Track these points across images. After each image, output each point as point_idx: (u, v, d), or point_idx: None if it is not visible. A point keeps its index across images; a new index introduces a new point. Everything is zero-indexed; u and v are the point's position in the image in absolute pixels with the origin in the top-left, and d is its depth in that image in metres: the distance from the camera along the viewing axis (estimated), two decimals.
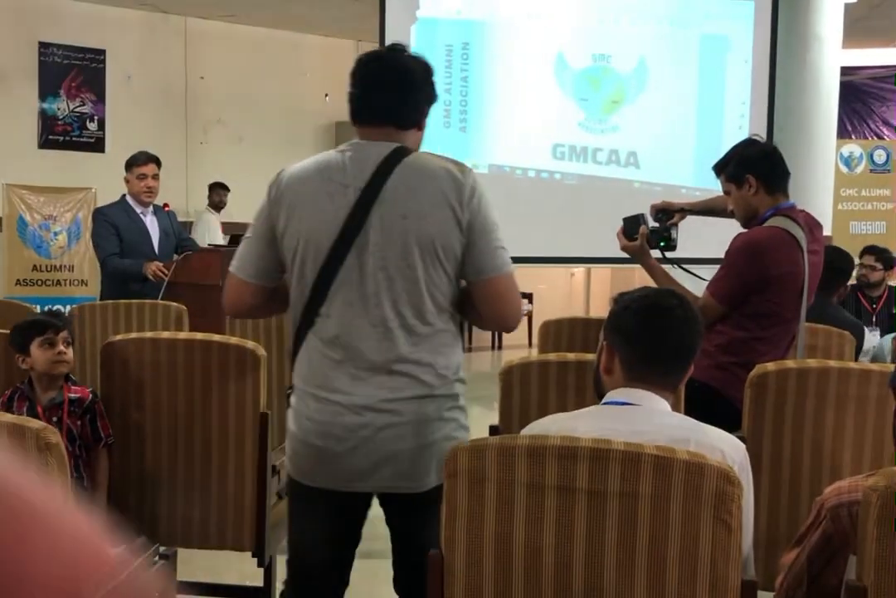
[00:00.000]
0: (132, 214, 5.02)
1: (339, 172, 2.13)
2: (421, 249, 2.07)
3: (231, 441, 2.87)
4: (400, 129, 2.17)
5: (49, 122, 8.31)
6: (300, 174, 2.17)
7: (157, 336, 2.96)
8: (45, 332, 2.97)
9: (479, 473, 1.65)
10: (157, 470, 2.92)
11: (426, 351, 2.11)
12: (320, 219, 2.10)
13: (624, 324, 1.91)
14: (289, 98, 9.51)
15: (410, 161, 2.11)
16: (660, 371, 1.89)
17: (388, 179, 2.09)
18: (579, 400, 2.65)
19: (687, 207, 3.52)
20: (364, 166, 2.11)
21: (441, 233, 2.08)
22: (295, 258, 2.14)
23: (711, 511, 1.56)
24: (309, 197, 2.13)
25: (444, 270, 2.10)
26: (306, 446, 2.15)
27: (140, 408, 2.91)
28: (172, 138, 8.76)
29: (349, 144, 2.20)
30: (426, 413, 2.11)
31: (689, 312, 1.91)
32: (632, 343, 1.89)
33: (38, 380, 2.99)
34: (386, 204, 2.08)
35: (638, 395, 1.86)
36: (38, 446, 1.94)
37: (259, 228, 2.20)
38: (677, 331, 1.88)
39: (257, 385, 2.84)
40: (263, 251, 2.19)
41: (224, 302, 2.30)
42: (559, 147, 6.53)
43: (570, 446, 1.61)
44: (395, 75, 2.15)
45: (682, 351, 1.90)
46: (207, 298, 4.76)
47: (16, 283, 7.64)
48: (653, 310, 1.89)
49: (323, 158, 2.21)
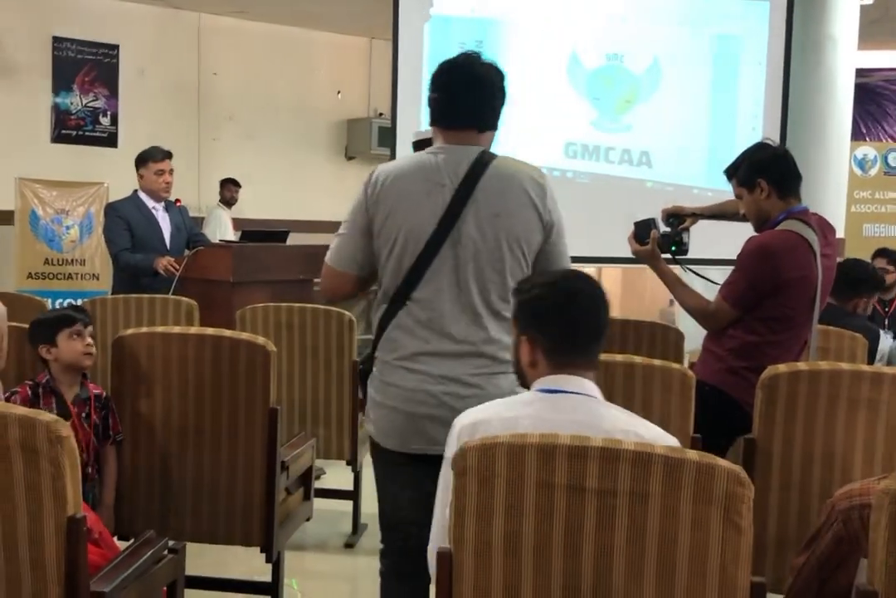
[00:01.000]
0: (144, 209, 5.03)
1: (434, 173, 2.36)
2: (510, 244, 2.35)
3: (241, 436, 2.87)
4: (480, 131, 2.41)
5: (62, 116, 8.34)
6: (400, 174, 2.38)
7: (168, 331, 2.97)
8: (73, 324, 3.02)
9: (488, 471, 1.65)
10: (166, 464, 2.93)
11: (505, 334, 2.32)
12: (419, 214, 2.34)
13: (539, 313, 1.93)
14: (300, 95, 9.51)
15: (498, 165, 2.38)
16: (583, 353, 1.92)
17: (479, 181, 2.34)
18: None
19: (698, 211, 3.52)
20: (457, 168, 2.36)
21: (527, 231, 2.37)
22: (393, 249, 2.36)
23: (721, 512, 1.55)
24: (409, 195, 2.35)
25: (525, 262, 2.38)
26: (393, 411, 2.34)
27: (150, 402, 2.92)
28: (184, 134, 8.77)
29: (438, 148, 2.41)
30: (502, 387, 2.32)
31: (596, 289, 1.95)
32: (553, 331, 1.91)
33: (61, 373, 3.00)
34: (479, 203, 2.34)
35: (568, 381, 1.89)
36: (49, 439, 1.94)
37: (357, 224, 2.42)
38: (591, 310, 1.92)
39: (267, 381, 2.85)
40: (361, 245, 2.42)
41: (322, 290, 2.56)
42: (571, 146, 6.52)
43: (581, 445, 1.61)
44: (477, 82, 2.37)
45: (600, 329, 1.93)
46: (218, 293, 4.78)
47: (28, 276, 7.66)
48: (565, 294, 1.92)
49: (417, 159, 2.42)
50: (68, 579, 1.99)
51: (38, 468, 1.95)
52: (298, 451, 3.19)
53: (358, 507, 4.28)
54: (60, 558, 1.98)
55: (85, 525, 2.00)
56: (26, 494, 1.96)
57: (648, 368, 2.64)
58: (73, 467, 1.97)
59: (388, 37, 6.20)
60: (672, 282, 3.23)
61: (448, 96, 2.38)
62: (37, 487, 1.96)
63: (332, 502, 4.36)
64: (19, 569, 2.00)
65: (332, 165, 9.81)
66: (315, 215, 9.50)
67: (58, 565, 1.99)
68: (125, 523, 2.96)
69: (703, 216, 3.52)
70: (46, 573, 1.99)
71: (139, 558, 2.28)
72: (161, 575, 2.37)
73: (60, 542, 1.97)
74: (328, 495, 4.33)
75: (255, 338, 2.90)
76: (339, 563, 3.99)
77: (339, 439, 4.04)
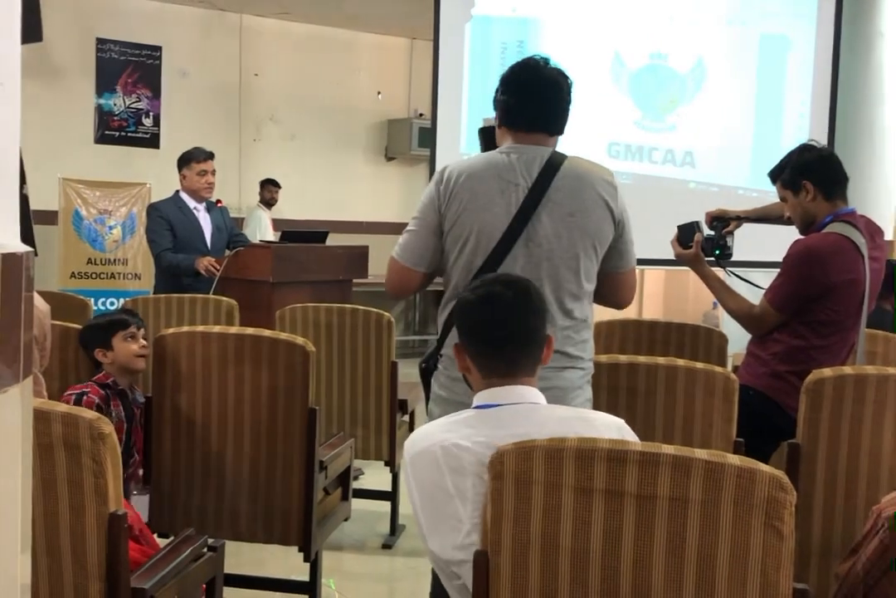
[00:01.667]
0: (185, 209, 5.08)
1: (508, 172, 2.40)
2: (584, 243, 2.39)
3: (279, 436, 2.89)
4: (550, 136, 2.47)
5: (105, 117, 8.42)
6: (472, 172, 2.41)
7: (209, 330, 2.99)
8: (128, 327, 3.10)
9: (526, 475, 1.65)
10: (206, 463, 2.95)
11: (574, 331, 2.40)
12: (492, 212, 2.38)
13: (462, 319, 1.97)
14: (341, 96, 9.54)
15: (570, 165, 2.42)
16: (507, 361, 1.92)
17: (553, 180, 2.38)
18: (630, 401, 2.64)
19: (743, 214, 3.48)
20: (531, 167, 2.40)
21: (600, 230, 2.42)
22: (465, 247, 2.40)
23: (762, 518, 1.54)
24: (482, 193, 2.39)
25: (596, 261, 2.44)
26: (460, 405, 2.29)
27: (190, 401, 2.94)
28: (226, 135, 8.83)
29: (510, 147, 2.44)
30: (571, 380, 2.38)
31: (521, 292, 1.93)
32: (473, 338, 1.94)
33: (118, 376, 3.07)
34: (553, 202, 2.38)
35: (502, 393, 1.90)
36: (91, 436, 1.97)
37: (427, 222, 2.45)
38: (508, 315, 1.91)
39: (306, 381, 2.86)
40: (430, 243, 2.45)
41: (387, 286, 2.56)
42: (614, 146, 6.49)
43: (620, 449, 1.60)
44: (550, 86, 2.42)
45: (521, 335, 1.92)
46: (258, 293, 4.81)
47: (71, 276, 7.75)
48: (482, 300, 1.93)
49: (489, 158, 2.45)
50: (109, 574, 2.02)
51: (81, 464, 1.98)
52: (337, 451, 3.20)
53: (396, 508, 4.29)
54: (101, 553, 2.01)
55: (126, 522, 2.02)
56: (69, 489, 1.99)
57: (691, 371, 2.62)
58: (114, 464, 2.00)
59: (430, 37, 6.21)
60: (716, 285, 3.20)
61: (521, 99, 2.42)
62: (79, 483, 1.99)
63: (371, 502, 4.37)
64: (61, 563, 2.03)
65: (371, 166, 9.84)
66: (354, 216, 9.54)
67: (99, 560, 2.01)
68: (165, 520, 2.99)
69: (748, 220, 3.48)
70: (87, 568, 2.02)
71: (179, 555, 2.30)
72: (200, 573, 2.39)
73: (101, 537, 2.00)
74: (366, 495, 4.35)
75: (295, 338, 2.91)
76: (377, 563, 4.00)
77: (378, 439, 4.05)
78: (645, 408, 2.65)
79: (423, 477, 1.84)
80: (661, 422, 2.64)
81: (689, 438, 2.59)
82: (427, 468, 1.83)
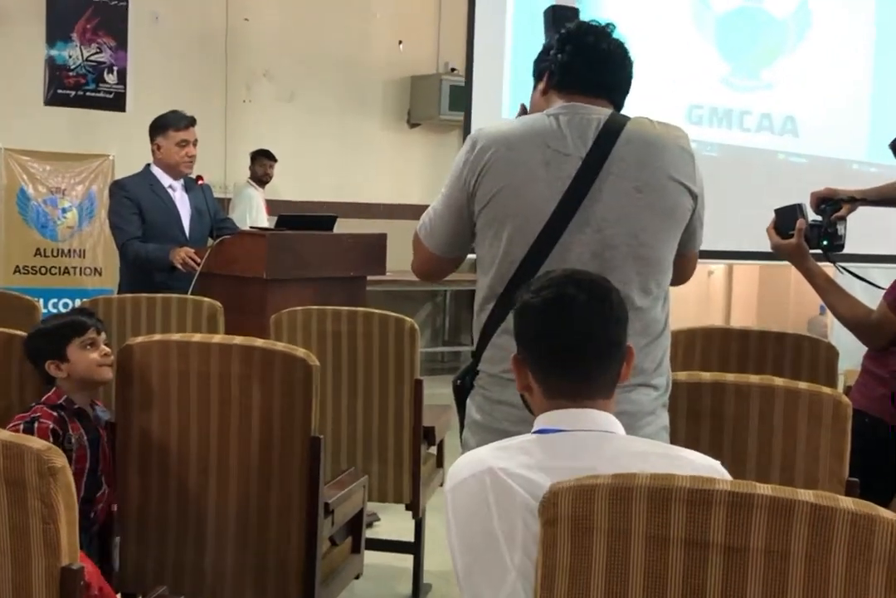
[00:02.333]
0: (158, 188, 5.11)
1: (556, 139, 2.38)
2: (657, 226, 2.39)
3: (275, 472, 2.91)
4: (615, 107, 2.49)
5: (58, 73, 8.45)
6: (510, 139, 2.41)
7: (187, 339, 3.01)
8: (85, 331, 3.09)
9: (585, 520, 1.65)
10: (183, 505, 2.97)
11: (643, 335, 2.36)
12: (535, 190, 2.36)
13: (525, 327, 1.98)
14: (353, 46, 9.57)
15: (635, 128, 2.40)
16: (579, 379, 1.93)
17: (613, 148, 2.36)
18: (716, 430, 2.63)
19: (858, 195, 3.46)
20: (585, 132, 2.38)
21: (676, 208, 2.41)
22: (501, 233, 2.39)
23: (883, 576, 1.53)
24: (522, 165, 2.37)
25: (673, 247, 2.44)
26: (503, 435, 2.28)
27: (163, 428, 2.97)
28: (208, 95, 8.86)
29: (559, 108, 2.44)
30: (642, 404, 2.37)
31: (598, 295, 1.94)
32: (538, 351, 1.95)
33: (75, 392, 3.08)
34: (615, 176, 2.36)
35: (569, 417, 1.90)
36: (39, 471, 1.97)
37: (453, 200, 2.47)
38: (583, 324, 1.92)
39: (308, 403, 2.88)
40: (457, 227, 2.49)
41: (414, 269, 2.65)
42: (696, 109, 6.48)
43: (704, 489, 1.60)
44: (618, 54, 2.48)
45: (598, 348, 1.93)
46: (248, 292, 4.84)
47: (14, 270, 7.79)
48: (550, 304, 1.93)
49: (530, 121, 2.45)
50: None
51: (26, 507, 1.98)
52: (346, 491, 3.21)
53: (420, 563, 4.30)
54: None
55: (83, 579, 2.03)
56: (10, 538, 2.00)
57: (792, 392, 2.61)
58: (68, 506, 2.00)
59: None
60: (823, 285, 3.19)
61: (584, 60, 2.45)
62: (24, 529, 2.00)
63: (388, 556, 4.39)
64: None
65: (390, 134, 9.87)
66: (369, 197, 9.57)
67: None
68: (131, 576, 3.01)
69: (865, 202, 3.47)
70: None
71: None
72: None
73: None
74: (383, 547, 4.36)
75: (294, 349, 2.93)
76: None
77: (397, 477, 4.07)
78: (734, 438, 2.64)
79: (463, 511, 1.86)
80: (754, 456, 2.63)
81: (790, 476, 2.58)
82: (470, 501, 1.85)
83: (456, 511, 1.88)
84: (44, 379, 3.11)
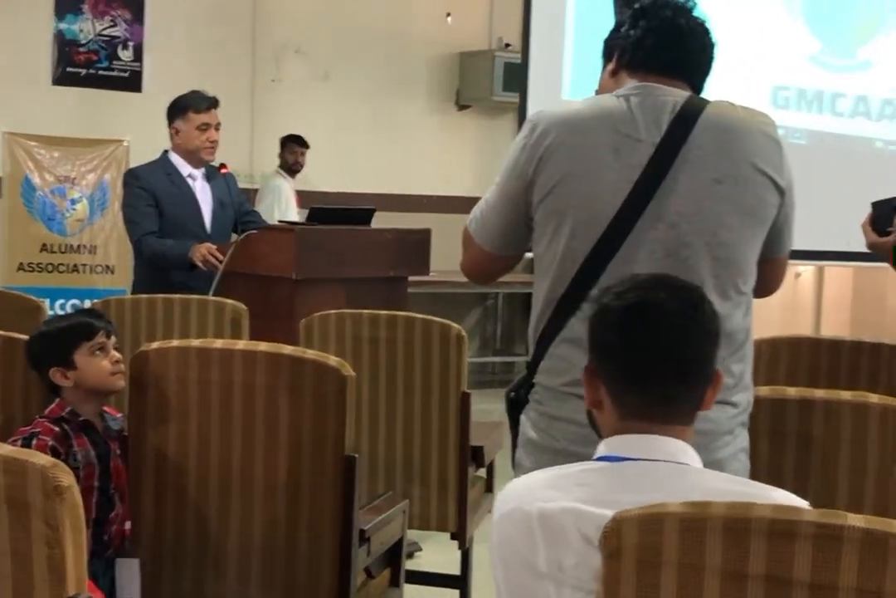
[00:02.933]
0: (177, 177, 5.15)
1: (626, 123, 2.40)
2: (739, 223, 2.40)
3: (304, 495, 2.91)
4: (694, 90, 2.50)
5: (68, 49, 8.50)
6: (573, 121, 2.43)
7: (207, 345, 3.02)
8: (94, 335, 3.10)
9: (653, 553, 1.65)
10: (202, 532, 2.98)
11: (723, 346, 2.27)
12: (601, 179, 2.38)
13: (602, 335, 1.96)
14: (395, 19, 9.59)
15: (715, 113, 2.42)
16: (660, 399, 1.91)
17: (691, 134, 2.38)
18: (802, 453, 2.62)
19: None
20: (659, 116, 2.40)
21: (761, 202, 2.42)
22: (562, 227, 2.40)
23: None
24: (588, 152, 2.39)
25: (757, 246, 2.44)
26: (562, 456, 2.28)
27: (181, 444, 2.98)
28: (233, 74, 8.91)
29: (630, 89, 2.46)
30: (719, 422, 2.36)
31: (690, 303, 1.93)
32: (615, 362, 1.93)
33: (81, 403, 3.09)
34: (692, 165, 2.38)
35: (639, 443, 1.90)
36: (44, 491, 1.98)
37: (509, 190, 2.49)
38: (672, 335, 1.90)
39: (341, 417, 2.88)
40: (513, 220, 2.50)
41: (463, 268, 2.68)
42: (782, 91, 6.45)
43: (787, 519, 1.60)
44: (699, 32, 2.51)
45: (686, 365, 1.92)
46: (275, 294, 4.86)
47: (18, 268, 7.84)
48: (634, 310, 1.92)
49: (597, 103, 2.48)
50: None
51: (29, 530, 2.00)
52: (384, 517, 3.22)
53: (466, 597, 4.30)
54: None
55: None
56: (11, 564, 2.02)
57: (889, 410, 2.59)
58: (75, 529, 2.01)
59: None
60: None
61: (660, 37, 2.47)
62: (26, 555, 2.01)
63: (431, 590, 4.39)
64: None
65: (436, 118, 9.88)
66: (412, 188, 9.58)
67: None
68: None
69: None
70: None
71: None
72: None
73: None
74: (425, 580, 4.37)
75: (326, 357, 2.94)
76: None
77: (441, 502, 4.07)
78: (822, 462, 2.62)
79: (507, 546, 1.86)
80: (845, 482, 2.61)
81: (885, 505, 2.56)
82: (515, 535, 1.84)
83: (500, 547, 1.88)
84: (48, 388, 3.13)
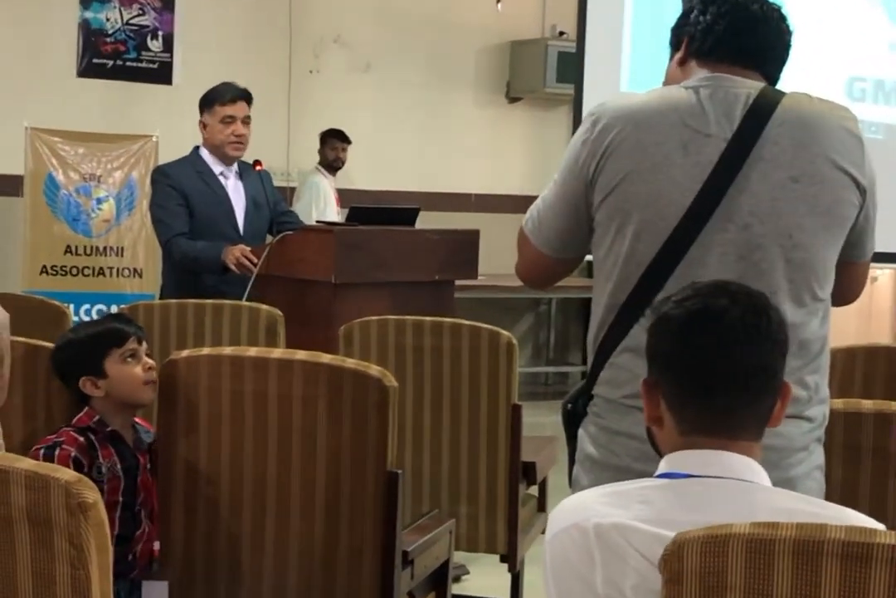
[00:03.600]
0: (208, 175, 5.17)
1: (695, 116, 2.40)
2: (815, 225, 2.38)
3: (344, 513, 2.92)
4: (769, 81, 2.51)
5: (94, 39, 8.54)
6: (638, 115, 2.43)
7: (241, 353, 3.04)
8: (124, 342, 3.11)
9: (717, 578, 1.64)
10: (235, 551, 2.99)
11: (797, 357, 2.31)
12: (668, 176, 2.38)
13: (661, 345, 1.97)
14: (441, 5, 9.60)
15: (792, 106, 2.42)
16: (724, 413, 1.91)
17: (765, 129, 2.37)
18: (879, 470, 2.60)
19: None
20: (730, 110, 2.40)
21: (839, 203, 2.41)
22: (625, 227, 2.41)
23: None
24: (652, 146, 2.39)
25: (835, 249, 2.44)
26: (623, 473, 2.28)
27: (213, 459, 2.99)
28: (269, 65, 8.93)
29: (700, 80, 2.46)
30: (792, 437, 2.35)
31: (755, 311, 1.93)
32: (676, 374, 1.93)
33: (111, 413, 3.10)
34: (766, 162, 2.37)
35: (703, 459, 1.89)
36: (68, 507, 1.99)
37: (567, 188, 2.49)
38: (736, 344, 1.90)
39: (383, 430, 2.88)
40: (572, 221, 2.51)
41: (518, 272, 2.69)
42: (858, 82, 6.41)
43: (861, 542, 1.59)
44: (773, 17, 2.51)
45: (752, 376, 1.91)
46: (313, 299, 4.87)
47: (41, 271, 7.86)
48: (696, 318, 1.93)
49: (665, 95, 2.49)
50: None
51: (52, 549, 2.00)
52: (429, 538, 3.22)
53: None
54: None
55: None
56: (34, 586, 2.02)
57: None
58: (101, 548, 2.02)
59: None
60: None
61: (732, 24, 2.48)
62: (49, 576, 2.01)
63: None
64: None
65: (486, 110, 9.88)
66: (459, 186, 9.58)
67: None
68: None
69: None
70: None
71: None
72: None
73: None
74: None
75: (367, 366, 2.94)
76: None
77: (490, 522, 4.06)
78: None
79: (563, 564, 1.86)
80: None
81: None
82: (571, 552, 1.84)
83: (554, 567, 1.88)
84: (76, 398, 3.14)
